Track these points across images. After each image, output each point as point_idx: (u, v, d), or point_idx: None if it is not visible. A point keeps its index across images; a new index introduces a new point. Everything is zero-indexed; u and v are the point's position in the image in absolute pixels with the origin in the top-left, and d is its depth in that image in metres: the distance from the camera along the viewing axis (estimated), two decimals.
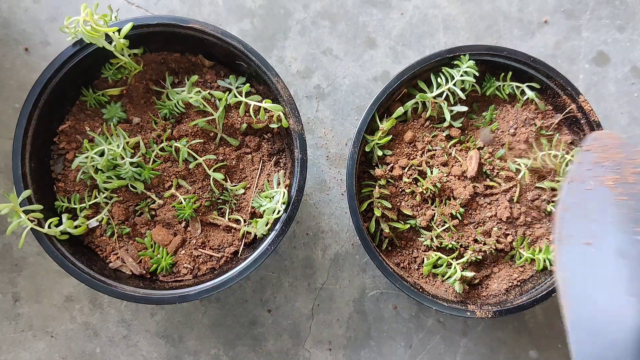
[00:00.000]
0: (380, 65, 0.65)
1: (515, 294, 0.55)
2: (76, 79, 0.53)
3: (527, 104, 0.57)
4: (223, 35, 0.51)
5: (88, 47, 0.50)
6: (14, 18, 0.64)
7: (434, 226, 0.55)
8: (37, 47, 0.63)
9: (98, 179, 0.51)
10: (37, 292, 0.61)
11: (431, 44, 0.66)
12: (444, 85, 0.54)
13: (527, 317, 0.64)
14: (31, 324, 0.62)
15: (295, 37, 0.65)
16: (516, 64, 0.54)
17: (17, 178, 0.49)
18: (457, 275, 0.53)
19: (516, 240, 0.56)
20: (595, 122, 0.53)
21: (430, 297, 0.53)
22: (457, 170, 0.55)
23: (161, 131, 0.54)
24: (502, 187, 0.56)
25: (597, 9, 0.67)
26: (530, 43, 0.66)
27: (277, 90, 0.51)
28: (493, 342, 0.64)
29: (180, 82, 0.55)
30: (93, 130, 0.53)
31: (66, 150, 0.54)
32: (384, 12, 0.66)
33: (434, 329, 0.63)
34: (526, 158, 0.56)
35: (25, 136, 0.50)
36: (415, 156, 0.56)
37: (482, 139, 0.51)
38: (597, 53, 0.66)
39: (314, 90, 0.65)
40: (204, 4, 0.65)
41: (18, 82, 0.63)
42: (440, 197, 0.56)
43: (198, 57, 0.56)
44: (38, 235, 0.48)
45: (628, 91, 0.66)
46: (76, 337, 0.62)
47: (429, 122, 0.57)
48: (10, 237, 0.61)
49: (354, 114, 0.65)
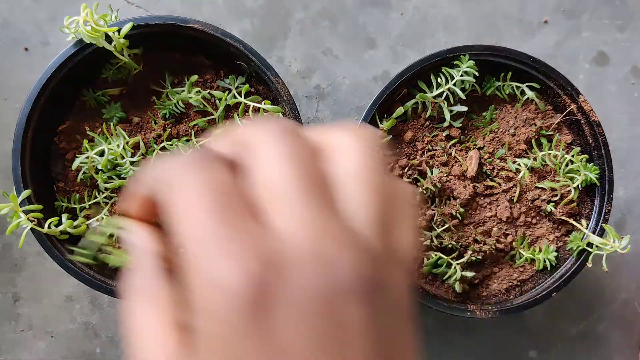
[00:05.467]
0: (380, 65, 0.65)
1: (516, 294, 0.55)
2: (76, 79, 0.53)
3: (527, 104, 0.57)
4: (223, 36, 0.51)
5: (88, 47, 0.50)
6: (14, 18, 0.64)
7: (434, 226, 0.55)
8: (37, 47, 0.63)
9: (98, 179, 0.51)
10: (37, 292, 0.61)
11: (431, 44, 0.66)
12: (444, 85, 0.54)
13: (527, 317, 0.64)
14: (31, 324, 0.62)
15: (295, 37, 0.65)
16: (516, 64, 0.54)
17: (16, 178, 0.49)
18: (457, 275, 0.53)
19: (516, 240, 0.55)
20: (595, 122, 0.53)
21: (430, 297, 0.53)
22: (457, 170, 0.55)
23: (161, 131, 0.54)
24: (502, 187, 0.56)
25: (597, 9, 0.67)
26: (530, 43, 0.66)
27: (277, 90, 0.51)
28: (493, 342, 0.63)
29: (180, 82, 0.55)
30: (93, 130, 0.53)
31: (66, 150, 0.54)
32: (384, 12, 0.66)
33: (434, 329, 0.63)
34: (526, 158, 0.55)
35: (25, 136, 0.50)
36: (415, 156, 0.56)
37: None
38: (597, 53, 0.66)
39: (314, 90, 0.65)
40: (203, 4, 0.65)
41: (18, 82, 0.63)
42: (440, 197, 0.56)
43: (198, 57, 0.56)
44: (38, 235, 0.48)
45: (628, 91, 0.66)
46: (76, 337, 0.62)
47: (428, 122, 0.57)
48: (10, 237, 0.61)
49: (354, 114, 0.65)
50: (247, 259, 0.20)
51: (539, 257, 0.54)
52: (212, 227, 0.20)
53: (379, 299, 0.22)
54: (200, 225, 0.21)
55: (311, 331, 0.20)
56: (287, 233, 0.21)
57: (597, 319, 0.65)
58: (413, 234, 0.27)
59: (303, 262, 0.20)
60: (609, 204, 0.53)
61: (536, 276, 0.55)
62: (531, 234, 0.56)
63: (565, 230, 0.55)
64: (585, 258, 0.52)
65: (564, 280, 0.52)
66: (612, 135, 0.53)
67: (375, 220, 0.24)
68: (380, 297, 0.23)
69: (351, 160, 0.24)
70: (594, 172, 0.52)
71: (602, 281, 0.65)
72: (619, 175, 0.53)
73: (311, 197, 0.22)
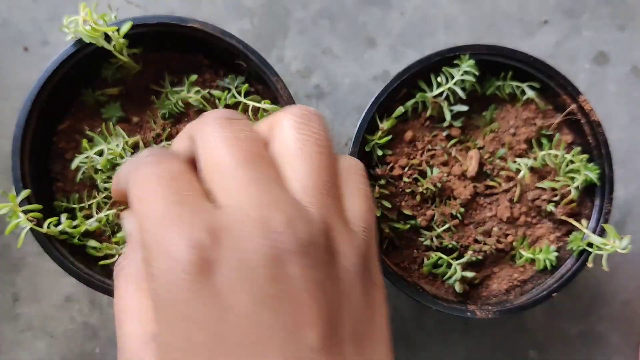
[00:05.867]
0: (381, 64, 0.65)
1: (516, 294, 0.55)
2: (75, 79, 0.53)
3: (528, 103, 0.56)
4: (222, 35, 0.51)
5: (87, 47, 0.50)
6: (13, 18, 0.63)
7: (434, 226, 0.55)
8: (36, 46, 0.63)
9: (97, 179, 0.51)
10: (37, 292, 0.61)
11: (431, 43, 0.65)
12: (444, 85, 0.54)
13: (527, 317, 0.64)
14: (30, 324, 0.61)
15: (295, 37, 0.65)
16: (516, 63, 0.54)
17: (16, 178, 0.49)
18: (457, 275, 0.53)
19: (516, 240, 0.55)
20: (596, 121, 0.53)
21: (430, 297, 0.52)
22: (457, 170, 0.55)
23: (160, 130, 0.54)
24: (503, 187, 0.56)
25: (597, 9, 0.67)
26: (530, 43, 0.66)
27: (276, 90, 0.51)
28: (493, 342, 0.63)
29: (179, 81, 0.55)
30: (92, 130, 0.53)
31: (65, 150, 0.54)
32: (384, 11, 0.66)
33: (434, 329, 0.63)
34: (526, 158, 0.55)
35: (25, 136, 0.49)
36: (415, 156, 0.56)
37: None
38: (597, 53, 0.66)
39: (314, 89, 0.65)
40: (203, 3, 0.65)
41: (17, 82, 0.62)
42: (440, 197, 0.55)
43: (197, 57, 0.56)
44: (37, 235, 0.48)
45: (628, 91, 0.66)
46: (76, 337, 0.62)
47: (429, 122, 0.57)
48: (9, 237, 0.61)
49: (354, 113, 0.65)
50: (192, 229, 0.22)
51: (539, 257, 0.54)
52: (164, 208, 0.23)
53: (324, 261, 0.24)
54: (153, 208, 0.23)
55: (254, 288, 0.22)
56: (232, 207, 0.24)
57: (597, 319, 0.64)
58: (365, 202, 0.29)
59: (244, 227, 0.23)
60: (609, 204, 0.53)
61: (536, 276, 0.55)
62: (531, 234, 0.56)
63: (565, 230, 0.55)
64: (585, 258, 0.52)
65: (564, 280, 0.52)
66: (612, 135, 0.53)
67: (320, 189, 0.26)
68: (326, 261, 0.24)
69: (287, 136, 0.27)
70: (594, 172, 0.52)
71: (602, 281, 0.65)
72: (619, 175, 0.53)
73: (252, 173, 0.24)
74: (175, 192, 0.24)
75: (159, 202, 0.23)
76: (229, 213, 0.23)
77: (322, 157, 0.26)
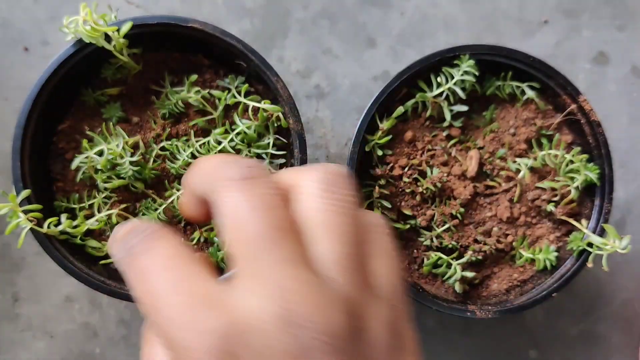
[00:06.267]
0: (380, 64, 0.65)
1: (516, 294, 0.55)
2: (75, 79, 0.53)
3: (527, 103, 0.56)
4: (223, 35, 0.51)
5: (87, 47, 0.50)
6: (13, 18, 0.63)
7: (434, 226, 0.55)
8: (36, 46, 0.63)
9: (97, 179, 0.51)
10: (37, 292, 0.61)
11: (431, 43, 0.66)
12: (444, 85, 0.54)
13: (527, 317, 0.64)
14: (30, 324, 0.61)
15: (295, 37, 0.65)
16: (516, 63, 0.54)
17: (16, 178, 0.49)
18: (457, 275, 0.53)
19: (516, 240, 0.55)
20: (595, 122, 0.53)
21: (430, 297, 0.52)
22: (457, 170, 0.55)
23: (160, 130, 0.54)
24: (503, 187, 0.56)
25: (597, 9, 0.67)
26: (530, 43, 0.66)
27: (276, 90, 0.51)
28: (493, 342, 0.63)
29: (179, 81, 0.55)
30: (92, 130, 0.53)
31: (65, 150, 0.54)
32: (384, 11, 0.66)
33: (434, 329, 0.63)
34: (526, 158, 0.55)
35: (25, 136, 0.49)
36: (415, 156, 0.56)
37: None
38: (597, 53, 0.66)
39: (314, 89, 0.65)
40: (203, 3, 0.65)
41: (17, 82, 0.63)
42: (440, 197, 0.55)
43: (197, 57, 0.56)
44: (37, 235, 0.48)
45: (628, 91, 0.66)
46: (76, 337, 0.62)
47: (429, 122, 0.57)
48: (9, 237, 0.61)
49: (354, 113, 0.65)
50: (212, 330, 0.21)
51: (539, 257, 0.54)
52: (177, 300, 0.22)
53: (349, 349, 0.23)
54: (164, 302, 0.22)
55: None
56: (254, 295, 0.22)
57: (597, 319, 0.64)
58: (392, 262, 0.28)
59: (267, 326, 0.21)
60: (609, 204, 0.53)
61: (536, 276, 0.55)
62: (531, 234, 0.56)
63: (565, 230, 0.55)
64: (585, 258, 0.52)
65: (564, 280, 0.52)
66: (612, 135, 0.53)
67: (345, 263, 0.24)
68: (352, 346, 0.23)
69: (310, 205, 0.25)
70: (594, 172, 0.52)
71: (602, 281, 0.65)
72: (619, 175, 0.53)
73: (277, 253, 0.23)
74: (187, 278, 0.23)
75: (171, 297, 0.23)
76: (249, 307, 0.22)
77: (347, 228, 0.25)
